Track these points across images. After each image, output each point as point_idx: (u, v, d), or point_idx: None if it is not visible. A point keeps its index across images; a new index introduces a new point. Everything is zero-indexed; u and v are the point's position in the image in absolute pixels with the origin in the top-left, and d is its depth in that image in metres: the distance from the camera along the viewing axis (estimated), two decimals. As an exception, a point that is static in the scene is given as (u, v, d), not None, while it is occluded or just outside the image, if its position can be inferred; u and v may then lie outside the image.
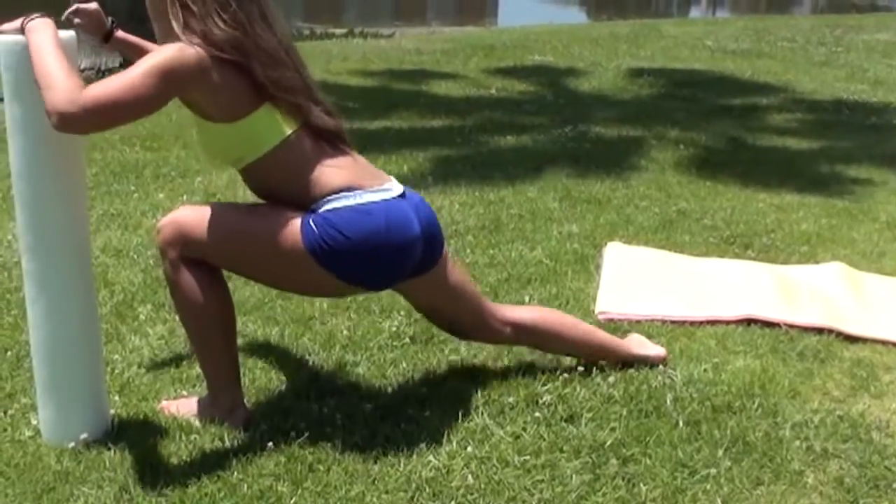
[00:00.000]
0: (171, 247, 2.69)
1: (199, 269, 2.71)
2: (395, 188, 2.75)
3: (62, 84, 2.34)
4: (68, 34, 2.52)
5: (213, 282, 2.73)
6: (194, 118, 2.65)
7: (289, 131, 2.63)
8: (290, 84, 2.62)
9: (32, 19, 2.47)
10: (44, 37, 2.42)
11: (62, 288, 2.66)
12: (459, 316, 3.05)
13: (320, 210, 2.63)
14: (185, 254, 2.68)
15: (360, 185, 2.67)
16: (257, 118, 2.58)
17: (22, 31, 2.46)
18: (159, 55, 2.46)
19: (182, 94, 2.53)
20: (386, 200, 2.69)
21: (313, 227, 2.60)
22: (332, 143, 2.73)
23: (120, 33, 3.04)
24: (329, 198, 2.63)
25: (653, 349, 3.31)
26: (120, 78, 2.41)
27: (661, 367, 3.24)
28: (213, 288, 2.74)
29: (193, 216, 2.70)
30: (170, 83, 2.45)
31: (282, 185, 2.68)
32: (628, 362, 3.24)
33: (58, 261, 2.63)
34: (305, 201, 2.65)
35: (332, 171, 2.67)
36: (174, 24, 2.53)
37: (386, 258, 2.69)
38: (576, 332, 3.20)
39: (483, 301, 3.10)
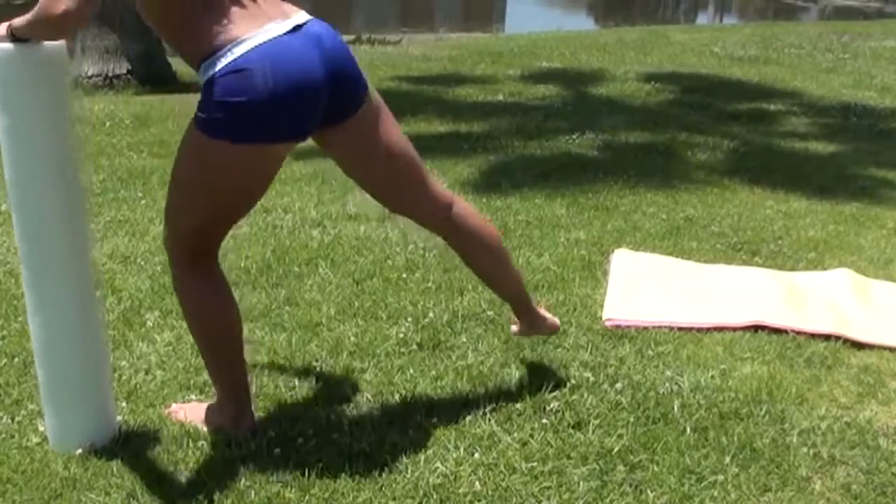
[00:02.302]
0: (174, 253, 2.71)
1: (206, 277, 2.71)
2: (276, 27, 2.48)
3: (38, 12, 2.28)
4: (58, 44, 2.49)
5: (219, 290, 2.74)
6: None
7: None
8: None
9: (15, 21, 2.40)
10: (23, 20, 2.36)
11: (61, 295, 2.65)
12: (396, 180, 2.84)
13: (203, 81, 2.46)
14: (185, 251, 2.68)
15: (237, 36, 2.43)
16: None
17: (9, 36, 2.40)
18: None
19: None
20: (261, 45, 2.43)
21: (199, 119, 2.48)
22: None
23: None
24: (209, 59, 2.44)
25: (550, 318, 3.26)
26: None
27: (667, 372, 3.24)
28: (220, 297, 2.74)
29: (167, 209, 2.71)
30: None
31: (171, 34, 2.55)
32: (525, 324, 3.22)
33: (55, 269, 2.62)
34: (193, 58, 2.50)
35: (215, 24, 2.45)
36: None
37: (279, 105, 2.46)
38: (509, 262, 3.10)
39: (425, 172, 2.89)
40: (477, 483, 2.61)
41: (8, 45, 2.42)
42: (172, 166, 2.64)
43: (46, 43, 2.44)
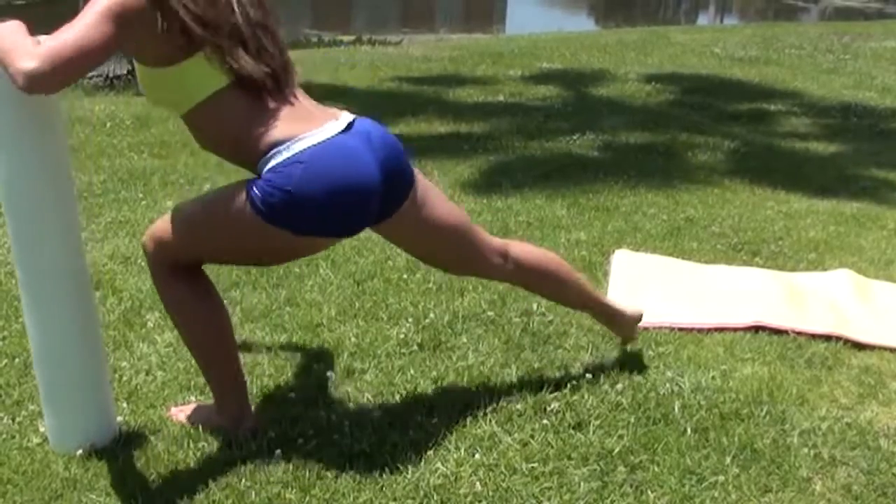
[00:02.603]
0: (151, 258, 2.72)
1: (189, 281, 2.72)
2: (331, 127, 2.59)
3: (18, 46, 2.27)
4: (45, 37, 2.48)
5: (204, 293, 2.74)
6: (135, 58, 2.56)
7: (218, 86, 2.52)
8: (216, 22, 2.48)
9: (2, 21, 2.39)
10: (4, 25, 2.36)
11: (56, 297, 2.65)
12: (455, 250, 2.94)
13: (263, 172, 2.54)
14: (167, 261, 2.68)
15: (292, 134, 2.54)
16: (188, 68, 2.49)
17: None
18: None
19: (131, 34, 2.40)
20: (321, 142, 2.54)
21: (255, 191, 2.52)
22: (270, 94, 2.59)
23: None
24: (267, 155, 2.53)
25: (630, 308, 3.34)
26: (72, 27, 2.32)
27: (668, 373, 3.24)
28: (205, 299, 2.74)
29: (163, 223, 2.70)
30: (119, 25, 2.35)
31: (217, 139, 2.61)
32: (614, 327, 3.32)
33: (49, 270, 2.61)
34: (249, 160, 2.57)
35: (264, 126, 2.55)
36: None
37: (336, 201, 2.56)
38: (573, 278, 3.19)
39: (480, 233, 2.99)
40: (478, 484, 2.61)
41: None
42: (203, 198, 2.68)
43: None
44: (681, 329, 3.66)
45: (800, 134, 7.54)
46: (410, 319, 3.64)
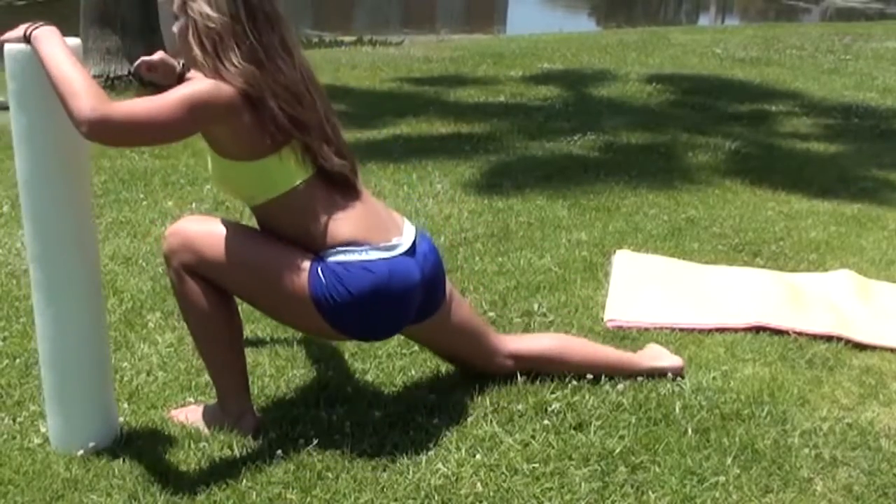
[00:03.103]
0: (175, 256, 2.70)
1: (205, 278, 2.71)
2: (404, 243, 2.74)
3: (88, 91, 2.32)
4: (75, 41, 2.50)
5: (218, 290, 2.73)
6: (208, 148, 2.65)
7: (300, 180, 2.61)
8: (306, 121, 2.59)
9: (37, 27, 2.42)
10: (54, 45, 2.39)
11: (70, 297, 2.66)
12: (469, 354, 3.10)
13: (328, 259, 2.62)
14: (189, 266, 2.68)
15: (367, 239, 2.66)
16: (270, 163, 2.57)
17: (26, 39, 2.42)
18: (195, 86, 2.47)
19: (208, 127, 2.53)
20: (392, 258, 2.67)
21: (321, 276, 2.60)
22: (345, 188, 2.70)
23: (190, 72, 2.97)
24: (336, 248, 2.63)
25: (668, 359, 3.28)
26: (154, 100, 2.40)
27: (669, 374, 3.24)
28: (219, 297, 2.73)
29: (201, 231, 2.70)
30: (199, 116, 2.46)
31: (289, 228, 2.67)
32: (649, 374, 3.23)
33: (65, 270, 2.62)
34: (312, 247, 2.65)
35: (340, 221, 2.65)
36: (196, 51, 2.54)
37: (383, 314, 2.71)
38: (584, 354, 3.20)
39: (489, 337, 3.12)
40: (478, 484, 2.61)
41: (25, 46, 2.43)
42: (262, 245, 2.70)
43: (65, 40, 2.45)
44: (682, 330, 3.66)
45: (801, 135, 7.54)
46: (411, 320, 3.64)
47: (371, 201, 2.77)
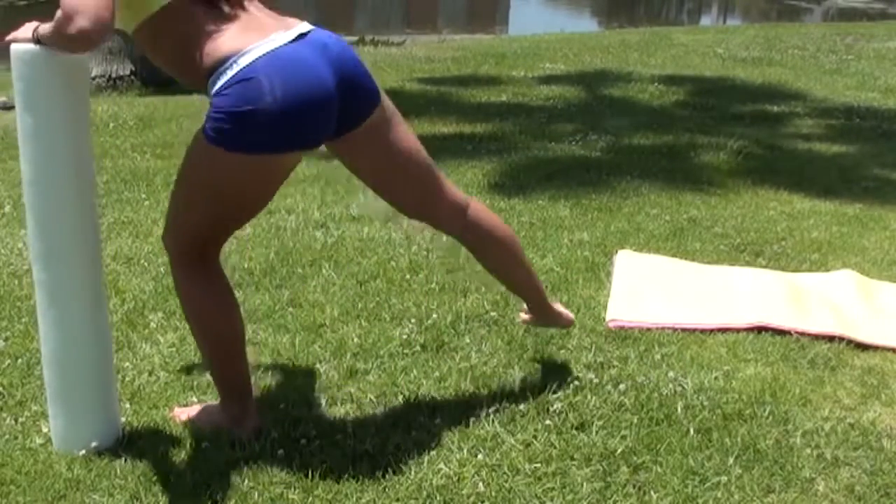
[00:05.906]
0: (175, 252, 2.71)
1: (207, 278, 2.71)
2: (278, 37, 2.47)
3: (56, 21, 2.27)
4: None
5: (220, 290, 2.74)
6: None
7: None
8: None
9: (45, 26, 2.40)
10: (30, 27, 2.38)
11: (73, 297, 2.66)
12: (415, 186, 2.84)
13: (212, 95, 2.45)
14: (187, 251, 2.67)
15: (239, 47, 2.42)
16: None
17: (35, 40, 2.42)
18: None
19: None
20: (266, 54, 2.42)
21: (208, 126, 2.46)
22: (229, 3, 2.49)
23: None
24: (215, 73, 2.44)
25: (565, 312, 3.28)
26: None
27: (671, 374, 3.24)
28: (222, 298, 2.74)
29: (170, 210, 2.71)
30: None
31: (171, 54, 2.53)
32: (540, 316, 3.24)
33: (68, 270, 2.63)
34: (199, 77, 2.48)
35: (216, 38, 2.44)
36: None
37: (286, 114, 2.44)
38: (520, 261, 3.08)
39: (440, 177, 2.87)
40: (480, 484, 2.61)
41: (32, 46, 2.43)
42: (179, 168, 2.64)
43: None
44: (683, 330, 3.66)
45: (803, 135, 7.54)
46: (413, 320, 3.64)
47: (256, 12, 2.54)
